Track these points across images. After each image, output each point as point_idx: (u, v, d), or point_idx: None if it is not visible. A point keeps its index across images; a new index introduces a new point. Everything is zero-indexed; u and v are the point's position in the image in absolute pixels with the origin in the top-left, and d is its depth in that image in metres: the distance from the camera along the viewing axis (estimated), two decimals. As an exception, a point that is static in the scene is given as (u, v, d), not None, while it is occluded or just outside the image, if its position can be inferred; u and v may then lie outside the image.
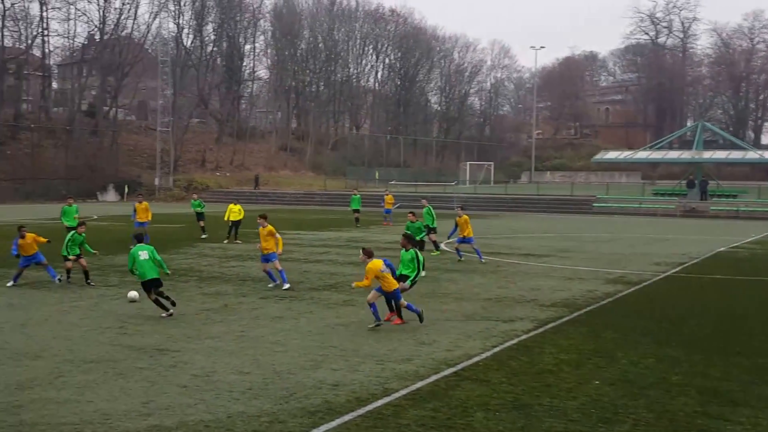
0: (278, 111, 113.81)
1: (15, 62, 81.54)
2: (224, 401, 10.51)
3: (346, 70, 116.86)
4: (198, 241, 33.58)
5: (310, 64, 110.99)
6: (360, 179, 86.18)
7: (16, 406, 10.14)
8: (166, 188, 78.57)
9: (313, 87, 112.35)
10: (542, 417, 10.06)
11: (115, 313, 16.77)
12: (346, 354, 13.30)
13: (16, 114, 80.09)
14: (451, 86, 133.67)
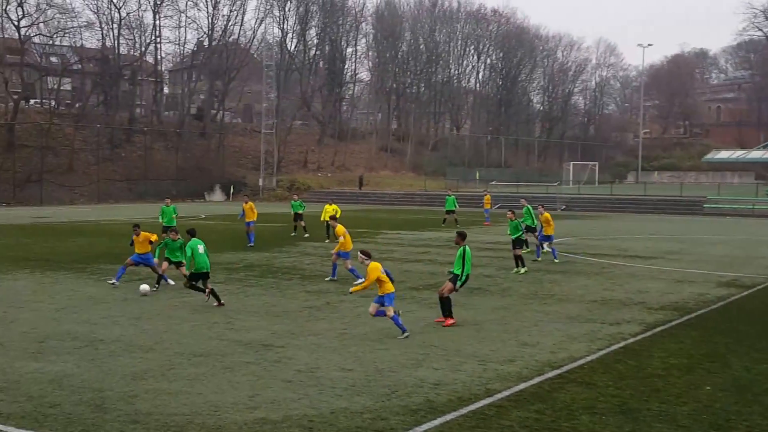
0: (379, 112, 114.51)
1: (130, 69, 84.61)
2: (327, 397, 10.64)
3: (447, 71, 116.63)
4: (301, 240, 34.12)
5: (411, 65, 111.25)
6: (460, 179, 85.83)
7: (131, 396, 10.53)
8: (270, 188, 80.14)
9: (413, 88, 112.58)
10: (650, 422, 9.88)
11: (223, 309, 17.20)
12: (448, 353, 13.28)
13: (131, 118, 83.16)
14: (554, 86, 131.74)
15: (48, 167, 69.20)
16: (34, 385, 11.00)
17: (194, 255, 17.49)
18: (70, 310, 16.73)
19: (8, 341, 13.73)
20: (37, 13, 76.03)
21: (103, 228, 30.57)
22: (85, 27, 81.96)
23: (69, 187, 69.10)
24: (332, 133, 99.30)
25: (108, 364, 12.26)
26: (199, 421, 9.55)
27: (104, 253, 27.33)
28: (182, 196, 74.72)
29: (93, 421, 9.46)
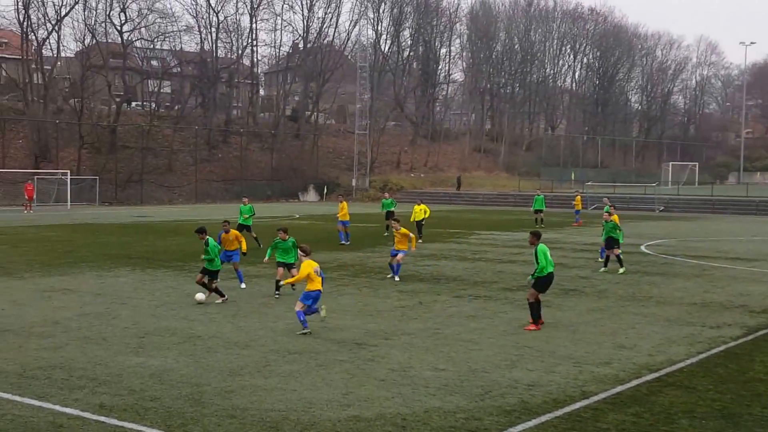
0: (472, 113, 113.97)
1: (227, 71, 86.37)
2: (421, 396, 10.63)
3: (542, 71, 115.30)
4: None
5: (506, 65, 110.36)
6: (555, 180, 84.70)
7: (228, 391, 10.72)
8: (363, 189, 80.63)
9: (507, 88, 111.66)
10: (752, 427, 9.63)
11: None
12: (542, 355, 13.16)
13: (227, 119, 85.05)
14: (653, 85, 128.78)
15: (148, 168, 71.43)
16: (135, 378, 11.32)
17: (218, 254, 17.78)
18: (169, 307, 17.21)
19: (111, 336, 14.18)
20: (139, 18, 78.61)
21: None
22: (184, 31, 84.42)
23: (168, 187, 71.18)
24: (425, 133, 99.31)
25: (206, 359, 12.52)
26: (293, 417, 9.66)
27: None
28: (277, 196, 75.99)
29: (192, 415, 9.67)
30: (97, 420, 9.47)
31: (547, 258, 15.61)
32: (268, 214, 52.37)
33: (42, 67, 74.09)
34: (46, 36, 74.37)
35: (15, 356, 10.72)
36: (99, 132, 72.52)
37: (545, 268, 15.55)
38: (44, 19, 73.73)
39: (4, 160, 65.26)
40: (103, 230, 36.77)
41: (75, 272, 22.63)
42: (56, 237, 33.73)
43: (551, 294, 19.69)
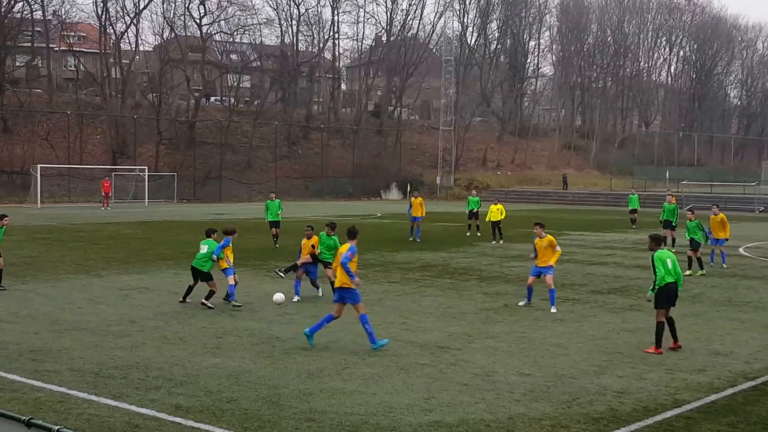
0: (562, 108, 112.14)
1: (308, 65, 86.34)
2: (505, 402, 10.42)
3: (635, 65, 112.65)
4: (478, 240, 33.74)
5: (597, 58, 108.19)
6: (648, 179, 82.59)
7: (306, 394, 10.60)
8: (447, 187, 79.77)
9: (599, 82, 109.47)
10: None
11: (398, 309, 17.16)
12: (633, 361, 12.81)
13: (308, 115, 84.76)
14: (753, 79, 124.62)
15: (227, 164, 71.35)
16: (212, 379, 11.26)
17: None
18: (247, 307, 17.09)
19: (188, 336, 14.17)
20: (218, 11, 78.68)
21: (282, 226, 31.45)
22: (264, 24, 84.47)
23: (247, 184, 70.79)
24: (512, 130, 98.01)
25: (284, 361, 12.40)
26: (373, 421, 9.52)
27: (281, 250, 28.00)
28: (358, 194, 75.33)
29: (269, 418, 9.56)
30: (173, 421, 9.44)
31: (666, 267, 13.80)
32: (349, 212, 52.37)
33: (120, 61, 74.96)
34: (125, 29, 75.38)
35: (91, 355, 10.76)
36: (177, 127, 72.92)
37: (664, 278, 13.77)
38: (122, 12, 74.75)
39: (82, 156, 65.57)
40: (181, 228, 37.11)
41: (152, 270, 22.78)
42: (134, 234, 34.13)
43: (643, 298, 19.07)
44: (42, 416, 5.59)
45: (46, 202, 54.27)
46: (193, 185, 67.65)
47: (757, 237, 37.38)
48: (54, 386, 10.74)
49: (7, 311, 15.75)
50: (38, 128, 66.41)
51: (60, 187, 60.39)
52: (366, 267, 23.91)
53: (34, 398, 10.24)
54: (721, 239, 25.50)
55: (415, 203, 33.49)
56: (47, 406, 9.89)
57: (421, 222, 33.35)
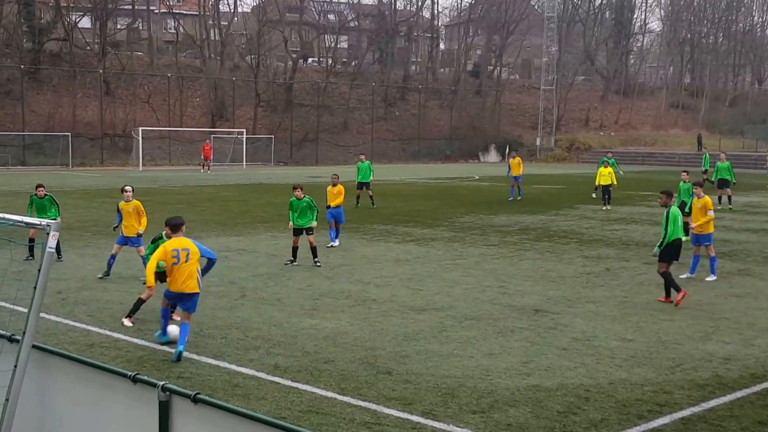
0: (670, 65, 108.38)
1: (406, 25, 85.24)
2: (605, 367, 10.28)
3: (749, 19, 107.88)
4: (580, 202, 33.09)
5: (709, 13, 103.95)
6: (760, 139, 79.37)
7: (403, 356, 10.62)
8: (548, 149, 78.21)
9: (710, 38, 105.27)
10: None
11: (496, 272, 16.98)
12: (740, 327, 12.52)
13: (405, 75, 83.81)
14: None
15: (323, 126, 71.03)
16: (309, 340, 11.38)
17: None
18: (344, 269, 17.16)
19: (286, 297, 14.31)
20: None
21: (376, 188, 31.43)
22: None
23: (343, 147, 70.09)
24: (617, 89, 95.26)
25: (380, 323, 12.44)
26: (470, 384, 9.49)
27: (376, 213, 28.07)
28: (456, 156, 74.46)
29: (366, 379, 9.63)
30: (271, 380, 9.60)
31: (678, 224, 14.16)
32: (446, 175, 52.09)
33: (219, 23, 75.13)
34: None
35: (193, 316, 10.96)
36: (275, 89, 72.81)
37: (672, 234, 14.09)
38: (221, -27, 74.75)
39: (182, 119, 65.98)
40: (278, 190, 37.24)
41: (250, 232, 22.94)
42: (232, 197, 34.49)
43: (752, 262, 18.45)
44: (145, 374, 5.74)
45: (148, 165, 55.34)
46: (290, 148, 67.84)
47: None
48: (156, 345, 11.04)
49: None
50: (139, 91, 67.10)
51: (161, 150, 61.17)
52: (463, 230, 23.85)
53: (138, 357, 10.58)
54: None
55: (514, 163, 34.20)
56: (150, 364, 10.19)
57: (521, 181, 33.95)
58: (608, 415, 8.59)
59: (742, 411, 8.82)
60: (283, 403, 8.86)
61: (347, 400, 8.96)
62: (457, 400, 8.96)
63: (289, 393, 9.18)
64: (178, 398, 4.66)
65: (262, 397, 9.05)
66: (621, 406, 8.87)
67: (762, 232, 24.15)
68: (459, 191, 38.78)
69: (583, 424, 8.34)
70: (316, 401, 8.93)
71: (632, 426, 8.31)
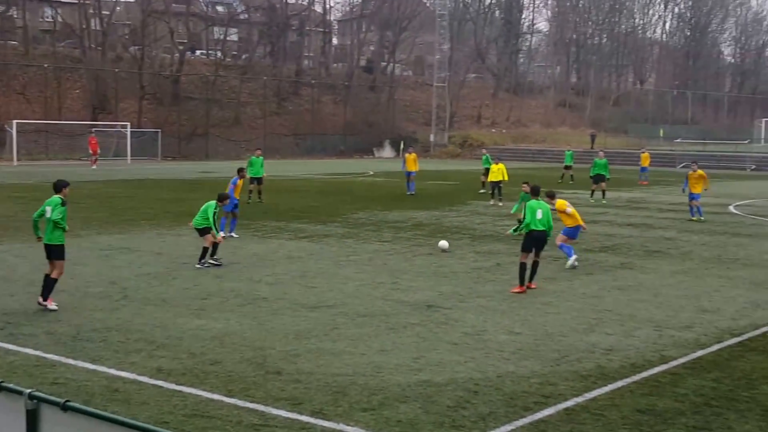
0: (557, 65, 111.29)
1: (297, 18, 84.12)
2: (494, 360, 10.45)
3: (631, 21, 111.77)
4: (472, 198, 33.60)
5: (593, 14, 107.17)
6: (643, 137, 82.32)
7: (293, 355, 10.50)
8: (441, 145, 78.99)
9: (595, 39, 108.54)
10: None
11: (389, 268, 17.01)
12: (622, 318, 12.92)
13: (298, 70, 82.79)
14: (747, 36, 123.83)
15: (213, 121, 69.17)
16: (195, 342, 11.11)
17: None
18: (233, 267, 16.79)
19: (171, 297, 13.91)
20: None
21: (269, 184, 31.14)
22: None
23: (234, 141, 68.55)
24: (508, 87, 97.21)
25: (270, 322, 12.27)
26: (361, 381, 9.48)
27: (269, 209, 27.76)
28: (350, 151, 74.08)
29: (254, 380, 9.47)
30: (154, 384, 9.31)
31: (535, 216, 14.73)
32: (340, 170, 52.01)
33: (100, 12, 71.82)
34: (105, -22, 71.99)
35: (69, 318, 10.53)
36: (161, 82, 70.46)
37: (529, 225, 14.81)
38: (103, -41, 71.18)
39: (61, 111, 62.90)
40: (166, 186, 36.38)
41: (135, 230, 22.17)
42: (115, 193, 33.22)
43: (634, 256, 19.09)
44: (16, 381, 5.42)
45: (23, 160, 52.63)
46: (179, 142, 65.54)
47: (747, 195, 37.38)
48: (29, 350, 10.55)
49: (-18, 273, 15.35)
50: (13, 82, 63.86)
51: (37, 144, 58.13)
52: (357, 226, 23.85)
53: (8, 362, 10.07)
54: (698, 194, 25.95)
55: (409, 159, 34.80)
56: (22, 370, 9.72)
57: (414, 176, 34.66)
58: (496, 408, 8.69)
59: (622, 400, 9.07)
60: (166, 407, 8.60)
61: (234, 402, 8.79)
62: (348, 398, 8.92)
63: (172, 396, 8.93)
64: (47, 406, 4.40)
65: (144, 402, 8.77)
66: (508, 399, 9.00)
67: (643, 226, 25.00)
68: (353, 187, 38.77)
69: (471, 417, 8.42)
70: (202, 404, 8.72)
71: (519, 418, 8.43)
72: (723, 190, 38.91)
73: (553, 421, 8.39)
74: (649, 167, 45.41)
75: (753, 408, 8.91)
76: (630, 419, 8.50)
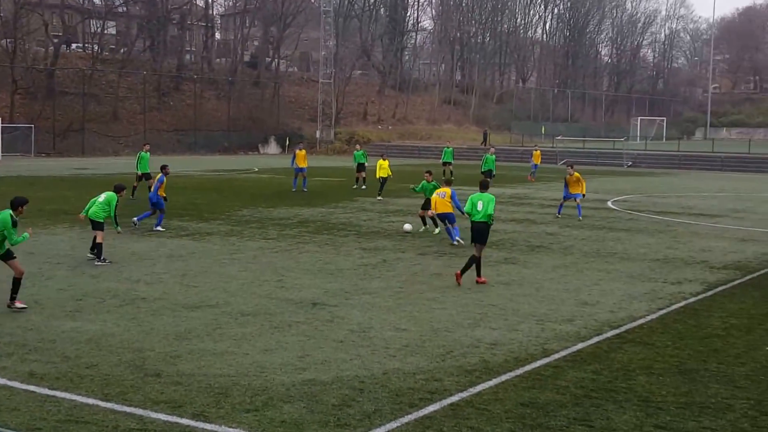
0: (442, 63, 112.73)
1: (178, 12, 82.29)
2: (380, 357, 10.44)
3: (512, 21, 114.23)
4: (358, 195, 33.64)
5: (476, 14, 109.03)
6: (525, 134, 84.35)
7: (173, 356, 10.23)
8: (327, 141, 78.93)
9: (478, 38, 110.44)
10: (708, 383, 9.77)
11: (274, 266, 16.81)
12: (506, 313, 13.11)
13: (179, 65, 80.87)
14: (622, 37, 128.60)
15: (90, 116, 66.94)
16: (70, 344, 10.71)
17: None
18: (110, 267, 16.31)
19: (44, 299, 13.39)
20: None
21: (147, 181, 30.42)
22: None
23: (113, 137, 66.75)
24: (393, 84, 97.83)
25: (150, 323, 11.94)
26: (244, 382, 9.30)
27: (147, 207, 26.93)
28: (234, 148, 72.97)
29: (132, 383, 9.18)
30: (26, 390, 8.91)
31: (475, 207, 15.55)
32: (224, 167, 51.26)
33: None
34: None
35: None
36: (35, 76, 67.59)
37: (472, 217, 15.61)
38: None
39: None
40: (39, 183, 34.98)
41: (5, 230, 21.36)
42: None
43: (517, 251, 19.45)
44: None
45: None
46: (53, 138, 63.19)
47: (624, 190, 38.69)
48: None
49: None
50: None
51: None
52: (241, 224, 23.53)
53: None
54: (578, 193, 26.39)
55: (299, 155, 34.70)
56: None
57: (305, 173, 34.69)
58: (382, 406, 8.65)
59: (506, 394, 9.17)
60: (38, 413, 8.23)
61: (111, 406, 8.47)
62: (231, 400, 8.73)
63: (45, 402, 8.55)
64: None
65: (15, 408, 8.36)
66: (394, 396, 8.98)
67: (526, 222, 25.52)
68: (237, 184, 38.26)
69: (357, 416, 8.35)
70: (77, 409, 8.37)
71: (404, 415, 8.41)
72: (601, 186, 40.32)
73: (439, 417, 8.40)
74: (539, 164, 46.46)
75: (631, 398, 9.13)
76: (513, 413, 8.58)
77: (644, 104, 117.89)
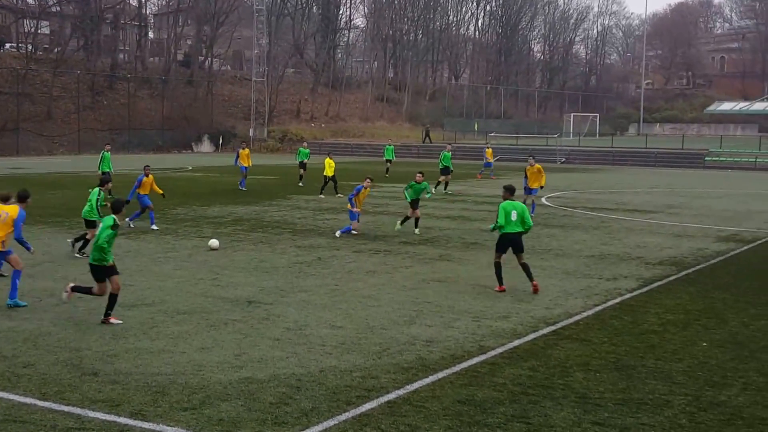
0: (375, 60, 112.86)
1: (112, 12, 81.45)
2: (316, 355, 10.45)
3: (445, 18, 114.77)
4: (293, 192, 33.61)
5: (409, 11, 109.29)
6: (459, 131, 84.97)
7: (111, 356, 10.19)
8: (261, 139, 78.53)
9: (410, 35, 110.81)
10: (645, 379, 9.85)
11: (209, 264, 16.79)
12: (442, 310, 13.14)
13: (113, 64, 79.93)
14: (555, 34, 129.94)
15: (24, 115, 66.21)
16: (6, 344, 10.64)
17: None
18: (47, 267, 16.18)
19: (-20, 299, 13.20)
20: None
21: (84, 180, 29.97)
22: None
23: (47, 137, 66.22)
24: (326, 81, 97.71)
25: (87, 322, 11.87)
26: (181, 381, 9.31)
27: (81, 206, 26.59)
28: (168, 146, 72.49)
29: (69, 382, 9.16)
30: (-39, 391, 8.84)
31: (509, 218, 14.55)
32: (158, 165, 50.41)
33: None
34: None
35: None
36: None
37: (503, 228, 14.67)
38: None
39: None
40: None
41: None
42: None
43: (452, 248, 19.67)
44: None
45: None
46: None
47: (558, 187, 39.13)
48: None
49: None
50: None
51: None
52: (176, 222, 23.39)
53: None
54: (535, 189, 26.59)
55: (243, 154, 35.13)
56: None
57: (247, 172, 35.01)
58: (319, 404, 8.71)
59: (443, 391, 9.21)
60: (-26, 414, 8.14)
61: (48, 405, 8.45)
62: (168, 398, 8.75)
63: (-19, 402, 8.47)
64: None
65: (-50, 409, 8.28)
66: (331, 394, 9.03)
67: (461, 219, 25.77)
68: (171, 182, 37.74)
69: (294, 414, 8.41)
70: (14, 409, 8.34)
71: (342, 412, 8.47)
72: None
73: (376, 415, 8.45)
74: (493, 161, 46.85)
75: (568, 395, 9.19)
76: (451, 410, 8.64)
77: (577, 100, 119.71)
